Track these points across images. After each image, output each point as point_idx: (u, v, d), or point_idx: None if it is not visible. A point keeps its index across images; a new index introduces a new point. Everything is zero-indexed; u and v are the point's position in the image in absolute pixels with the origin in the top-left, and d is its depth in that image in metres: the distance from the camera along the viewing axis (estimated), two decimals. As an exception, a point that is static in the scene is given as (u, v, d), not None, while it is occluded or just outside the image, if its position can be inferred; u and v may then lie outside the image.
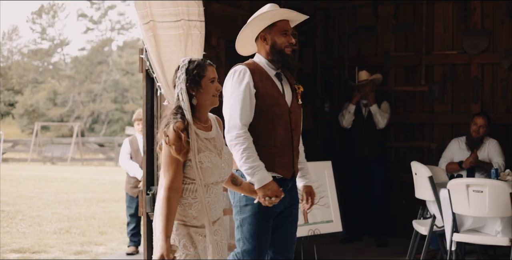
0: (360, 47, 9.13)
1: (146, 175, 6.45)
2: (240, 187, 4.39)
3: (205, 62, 3.99)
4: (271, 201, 4.37)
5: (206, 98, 3.94)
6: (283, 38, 4.63)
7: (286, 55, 4.62)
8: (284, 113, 4.62)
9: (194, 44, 5.78)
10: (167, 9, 5.65)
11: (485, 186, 6.17)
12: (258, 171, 4.39)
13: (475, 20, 8.50)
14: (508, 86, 8.38)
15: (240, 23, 7.77)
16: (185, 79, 3.90)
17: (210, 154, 3.90)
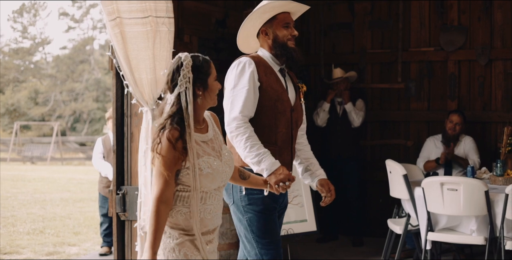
0: (336, 44, 9.03)
1: (116, 175, 6.33)
2: (248, 181, 4.12)
3: (207, 58, 3.73)
4: (284, 186, 4.13)
5: (211, 98, 3.67)
6: (285, 31, 4.47)
7: (290, 48, 4.46)
8: (286, 110, 4.46)
9: (162, 41, 5.64)
10: (134, 5, 5.50)
11: (459, 184, 6.09)
12: (265, 157, 4.19)
13: (452, 17, 8.43)
14: (485, 83, 8.32)
15: (214, 19, 7.68)
16: (191, 78, 3.57)
17: (209, 159, 3.61)
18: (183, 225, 3.54)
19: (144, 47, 5.59)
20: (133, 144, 6.24)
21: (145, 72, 5.63)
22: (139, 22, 5.54)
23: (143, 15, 5.54)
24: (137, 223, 5.97)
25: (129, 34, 5.59)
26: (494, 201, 6.11)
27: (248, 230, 4.41)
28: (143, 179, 5.91)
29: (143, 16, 5.54)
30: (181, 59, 3.59)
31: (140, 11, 5.53)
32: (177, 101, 3.54)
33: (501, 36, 8.23)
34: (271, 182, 4.14)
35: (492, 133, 8.27)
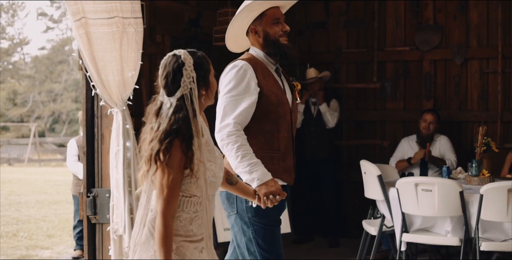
0: (312, 44, 8.96)
1: (86, 177, 6.23)
2: (236, 187, 3.85)
3: (203, 53, 3.40)
4: (274, 200, 3.86)
5: (212, 96, 3.41)
6: (276, 27, 4.21)
7: (282, 45, 4.20)
8: (286, 113, 4.24)
9: (129, 42, 5.52)
10: (99, 6, 5.38)
11: (434, 185, 6.03)
12: (257, 167, 3.92)
13: (428, 16, 8.39)
14: (461, 82, 8.28)
15: (187, 19, 7.59)
16: (195, 77, 3.26)
17: (211, 165, 3.34)
18: (181, 231, 3.29)
19: (110, 48, 5.48)
20: (104, 146, 6.13)
21: (112, 73, 5.53)
22: (104, 22, 5.42)
23: (108, 16, 5.42)
24: (110, 226, 5.89)
25: (95, 35, 5.48)
26: (469, 202, 6.05)
27: (252, 242, 4.16)
28: (115, 182, 5.82)
29: (108, 16, 5.42)
30: (181, 58, 3.26)
31: (106, 12, 5.41)
32: (180, 104, 3.22)
33: (477, 35, 8.20)
34: (260, 193, 3.88)
35: (468, 133, 8.24)
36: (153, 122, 3.26)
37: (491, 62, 8.14)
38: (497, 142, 7.82)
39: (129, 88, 5.72)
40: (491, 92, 8.14)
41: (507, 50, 8.01)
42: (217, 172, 3.40)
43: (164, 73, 3.30)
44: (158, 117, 3.25)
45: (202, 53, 3.37)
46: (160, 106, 3.28)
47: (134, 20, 5.51)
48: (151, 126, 3.26)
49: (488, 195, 5.88)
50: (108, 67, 5.52)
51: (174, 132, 3.16)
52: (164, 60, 3.34)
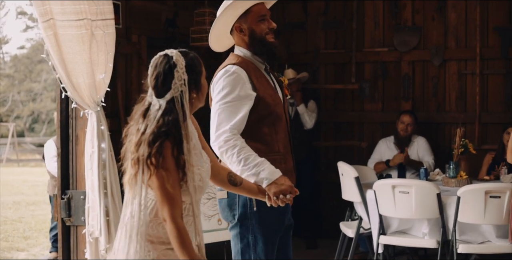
0: (290, 44, 8.92)
1: (61, 179, 6.15)
2: (241, 188, 3.64)
3: (195, 53, 3.23)
4: (285, 199, 3.66)
5: (203, 99, 3.26)
6: (262, 25, 3.97)
7: (269, 43, 3.98)
8: (282, 112, 4.05)
9: (99, 45, 5.44)
10: (68, 7, 5.28)
11: (411, 187, 6.00)
12: (263, 167, 3.71)
13: (406, 17, 8.37)
14: (439, 83, 8.27)
15: (163, 19, 7.52)
16: (187, 80, 3.11)
17: (199, 170, 3.18)
18: (164, 238, 3.14)
19: (79, 50, 5.39)
20: (78, 147, 6.06)
21: (82, 76, 5.45)
22: (73, 24, 5.33)
23: (77, 18, 5.32)
24: (86, 229, 5.82)
25: (63, 37, 5.38)
26: (446, 204, 6.04)
27: (250, 249, 3.96)
28: (90, 184, 5.76)
29: (77, 18, 5.32)
30: (173, 59, 3.10)
31: (74, 14, 5.31)
32: (170, 106, 3.07)
33: (455, 36, 8.19)
34: (270, 192, 3.66)
35: (446, 134, 8.23)
36: (139, 123, 3.11)
37: (469, 63, 8.13)
38: (475, 143, 7.83)
39: (101, 91, 5.65)
40: (469, 94, 8.14)
41: (485, 51, 8.01)
42: (204, 176, 3.24)
43: (154, 74, 3.13)
44: (146, 119, 3.10)
45: (195, 54, 3.21)
46: (148, 107, 3.13)
47: (102, 22, 5.41)
48: (137, 127, 3.11)
49: (465, 197, 5.87)
50: (77, 70, 5.43)
51: (163, 134, 3.02)
52: (154, 60, 3.19)
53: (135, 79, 7.07)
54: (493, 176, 6.98)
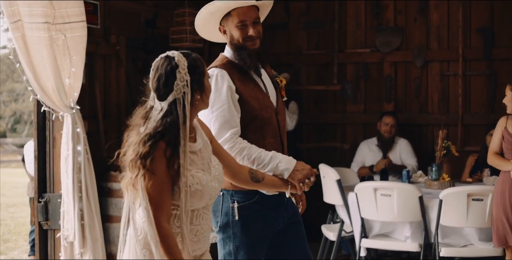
0: (272, 45, 8.83)
1: (38, 182, 6.06)
2: (263, 183, 3.57)
3: (197, 54, 3.15)
4: (310, 182, 3.70)
5: (206, 101, 3.18)
6: (239, 31, 3.78)
7: (249, 51, 3.79)
8: (271, 116, 3.88)
9: (61, 49, 5.36)
10: (35, 10, 5.17)
11: (393, 190, 5.94)
12: (277, 159, 3.66)
13: (388, 17, 8.31)
14: (421, 85, 8.21)
15: (143, 19, 7.42)
16: (189, 81, 3.02)
17: (198, 173, 3.06)
18: None
19: (46, 54, 5.29)
20: (55, 150, 5.97)
21: (49, 80, 5.37)
22: (40, 27, 5.22)
23: (43, 20, 5.23)
24: (60, 232, 5.74)
25: (31, 39, 5.28)
26: (429, 207, 5.99)
27: (232, 257, 3.84)
28: (65, 187, 5.68)
29: (43, 21, 5.23)
30: (175, 60, 3.01)
31: (41, 16, 5.20)
32: (171, 108, 3.00)
33: (437, 37, 8.14)
34: (295, 180, 3.65)
35: (429, 136, 8.17)
36: (140, 126, 3.03)
37: (451, 64, 8.09)
38: (457, 145, 7.78)
39: (73, 94, 5.57)
40: (452, 95, 8.09)
41: (468, 52, 7.96)
42: (207, 181, 3.09)
43: (156, 76, 3.04)
44: (146, 121, 3.03)
45: (197, 55, 3.13)
46: (149, 110, 3.06)
47: (63, 25, 5.33)
48: (138, 130, 3.03)
49: (447, 200, 5.82)
50: (45, 73, 5.36)
51: (158, 135, 2.94)
52: (156, 62, 3.09)
53: (114, 80, 6.97)
54: (476, 179, 6.94)
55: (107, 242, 6.30)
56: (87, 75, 6.51)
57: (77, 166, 5.66)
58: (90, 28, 6.44)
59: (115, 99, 6.98)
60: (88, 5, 6.38)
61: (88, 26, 6.37)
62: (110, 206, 6.33)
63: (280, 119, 3.99)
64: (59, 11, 5.28)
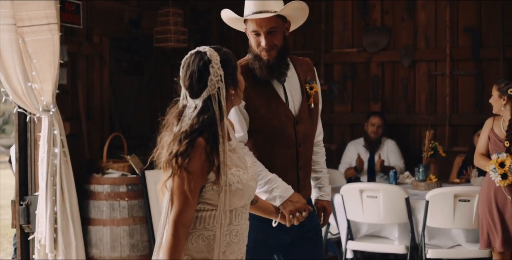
0: (258, 45, 8.74)
1: (19, 184, 5.99)
2: (256, 206, 3.34)
3: (228, 49, 2.98)
4: (300, 216, 3.43)
5: (241, 96, 3.03)
6: (253, 39, 3.62)
7: (263, 62, 3.60)
8: (286, 126, 3.66)
9: (23, 52, 5.30)
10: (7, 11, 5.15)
11: (379, 191, 5.87)
12: (275, 184, 3.50)
13: (375, 17, 8.24)
14: (409, 85, 8.15)
15: (127, 19, 7.33)
16: (223, 75, 2.87)
17: (238, 171, 2.92)
18: (206, 252, 2.86)
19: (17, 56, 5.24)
20: (37, 152, 5.90)
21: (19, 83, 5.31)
22: (11, 29, 5.17)
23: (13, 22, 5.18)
24: (34, 235, 5.70)
25: (3, 41, 5.27)
26: (415, 208, 5.92)
27: None
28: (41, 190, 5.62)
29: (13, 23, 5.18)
30: (207, 55, 2.86)
31: (11, 18, 5.16)
32: (206, 105, 2.85)
33: (424, 37, 8.08)
34: (285, 211, 3.43)
35: (416, 136, 8.11)
36: (174, 126, 2.89)
37: (439, 64, 8.03)
38: (445, 145, 7.73)
39: (46, 97, 5.51)
40: (439, 95, 8.03)
41: (455, 52, 7.90)
42: (247, 179, 2.94)
43: (188, 73, 2.87)
44: (180, 121, 2.88)
45: (227, 49, 2.97)
46: (182, 110, 2.92)
47: (23, 29, 5.28)
48: (172, 131, 2.89)
49: (434, 201, 5.76)
50: (14, 76, 5.32)
51: (195, 132, 2.80)
52: (186, 59, 2.92)
53: (97, 81, 6.90)
54: (463, 179, 6.88)
55: (88, 245, 6.23)
56: (70, 76, 6.44)
57: (53, 169, 5.60)
58: (72, 28, 6.39)
59: (98, 100, 6.90)
60: (70, 5, 6.31)
61: (70, 26, 6.33)
62: (92, 209, 6.26)
63: (300, 129, 3.72)
64: (19, 14, 5.23)
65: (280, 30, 3.66)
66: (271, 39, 3.62)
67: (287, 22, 3.75)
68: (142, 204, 6.36)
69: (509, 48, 7.71)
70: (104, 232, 6.23)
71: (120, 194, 6.26)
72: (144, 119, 8.01)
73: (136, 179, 6.37)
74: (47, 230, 5.63)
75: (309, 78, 3.84)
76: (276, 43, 3.65)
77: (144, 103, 8.14)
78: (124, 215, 6.26)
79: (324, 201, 3.93)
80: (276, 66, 3.65)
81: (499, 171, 5.40)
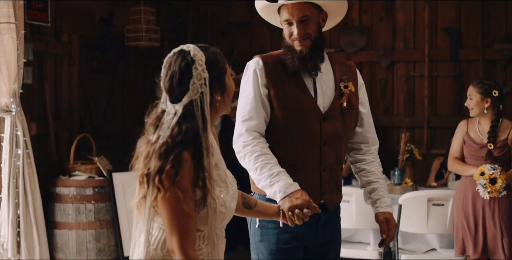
0: (235, 45, 8.60)
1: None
2: (255, 210, 3.08)
3: (216, 48, 2.68)
4: (301, 214, 3.08)
5: (228, 102, 2.69)
6: (287, 29, 3.48)
7: (296, 53, 3.43)
8: (310, 121, 3.43)
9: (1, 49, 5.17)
10: None
11: (351, 196, 5.74)
12: (278, 178, 3.23)
13: (353, 17, 8.09)
14: (387, 86, 8.00)
15: (98, 17, 7.17)
16: (208, 79, 2.55)
17: (221, 192, 2.61)
18: None
19: None
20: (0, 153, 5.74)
21: None
22: None
23: None
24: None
25: None
26: (389, 212, 5.77)
27: None
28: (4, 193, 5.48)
29: None
30: (190, 54, 2.55)
31: None
32: (187, 112, 2.52)
33: (403, 37, 7.93)
34: (284, 207, 3.11)
35: (394, 138, 7.96)
36: (150, 134, 2.57)
37: (417, 65, 7.88)
38: (423, 148, 7.60)
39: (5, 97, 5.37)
40: (418, 97, 7.88)
41: (434, 53, 7.76)
42: (228, 201, 2.65)
43: (169, 74, 2.56)
44: (158, 128, 2.55)
45: (216, 49, 2.67)
46: (161, 115, 2.59)
47: None
48: (148, 138, 2.57)
49: (407, 205, 5.65)
50: None
51: (179, 144, 2.46)
52: (168, 58, 2.60)
53: (66, 80, 6.74)
54: (441, 183, 6.74)
55: (53, 249, 6.09)
56: (36, 75, 6.29)
57: (15, 171, 5.45)
58: (39, 26, 6.25)
59: (67, 100, 6.74)
60: (37, 2, 6.16)
61: (37, 24, 6.19)
62: (58, 212, 6.11)
63: (327, 127, 3.47)
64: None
65: (314, 20, 3.47)
66: (303, 28, 3.44)
67: (323, 13, 3.54)
68: (109, 208, 6.20)
69: (489, 49, 7.57)
70: (70, 236, 6.07)
71: (86, 197, 6.11)
72: (116, 119, 7.85)
73: (103, 181, 6.22)
74: (9, 233, 5.50)
75: (346, 77, 3.59)
76: (310, 32, 3.45)
77: (117, 103, 7.98)
78: (91, 218, 6.11)
79: (386, 213, 3.66)
80: (309, 57, 3.44)
81: (490, 188, 5.21)
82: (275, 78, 3.43)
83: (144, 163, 2.51)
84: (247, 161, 3.31)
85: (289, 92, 3.44)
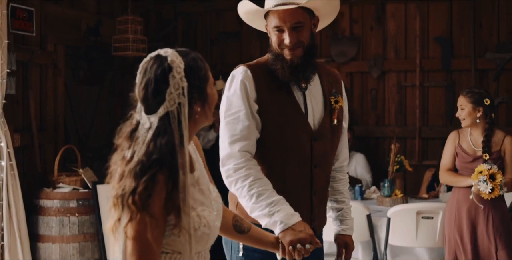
0: (225, 54, 8.52)
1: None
2: (248, 236, 2.76)
3: (198, 54, 2.37)
4: (303, 250, 2.79)
5: (209, 114, 2.38)
6: (275, 36, 3.18)
7: (286, 62, 3.13)
8: (301, 140, 3.15)
9: None
10: None
11: (338, 209, 5.63)
12: (278, 207, 2.92)
13: (344, 26, 8.02)
14: (378, 96, 7.92)
15: (84, 27, 7.08)
16: (186, 88, 2.26)
17: (204, 211, 2.35)
18: None
19: None
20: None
21: None
22: None
23: None
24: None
25: None
26: (378, 225, 5.69)
27: None
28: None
29: None
30: (167, 60, 2.26)
31: None
32: (163, 125, 2.24)
33: (394, 47, 7.86)
34: (285, 240, 2.79)
35: (385, 149, 7.86)
36: (125, 149, 2.29)
37: (409, 75, 7.81)
38: (415, 159, 7.52)
39: None
40: (409, 107, 7.81)
41: (425, 62, 7.69)
42: (212, 220, 2.38)
43: (144, 81, 2.28)
44: (133, 142, 2.28)
45: (197, 54, 2.36)
46: (135, 127, 2.30)
47: None
48: (122, 154, 2.29)
49: (395, 218, 5.55)
50: None
51: (154, 164, 2.19)
52: (143, 63, 2.32)
53: (51, 91, 6.65)
54: (432, 195, 6.63)
55: (36, 263, 6.00)
56: (20, 85, 6.20)
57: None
58: (24, 36, 6.17)
59: (52, 111, 6.65)
60: (22, 11, 6.08)
61: (22, 34, 6.09)
62: (42, 225, 6.01)
63: (318, 147, 3.21)
64: None
65: (307, 27, 3.16)
66: (296, 36, 3.13)
67: (315, 18, 3.23)
68: (93, 220, 6.10)
69: (480, 58, 7.50)
70: (53, 249, 5.97)
71: (70, 210, 6.00)
72: (103, 130, 7.76)
73: (88, 194, 6.11)
74: (-7, 246, 5.41)
75: (334, 90, 3.30)
76: (302, 40, 3.14)
77: (104, 113, 7.89)
78: (74, 231, 6.00)
79: (347, 236, 3.47)
80: (301, 67, 3.14)
81: (491, 184, 5.04)
82: (265, 92, 3.14)
83: (118, 184, 2.25)
84: (240, 187, 2.99)
85: (279, 107, 3.16)
